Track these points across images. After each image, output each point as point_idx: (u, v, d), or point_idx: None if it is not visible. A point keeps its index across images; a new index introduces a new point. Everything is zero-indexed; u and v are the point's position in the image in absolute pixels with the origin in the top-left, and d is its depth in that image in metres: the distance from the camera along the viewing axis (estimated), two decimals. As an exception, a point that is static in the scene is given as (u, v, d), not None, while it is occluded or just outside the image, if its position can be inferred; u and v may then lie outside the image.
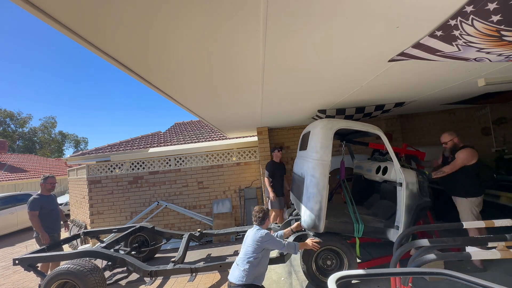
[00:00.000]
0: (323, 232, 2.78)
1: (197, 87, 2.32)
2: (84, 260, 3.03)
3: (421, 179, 2.85)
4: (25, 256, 3.32)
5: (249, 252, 2.23)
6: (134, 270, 3.17)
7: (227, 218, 5.63)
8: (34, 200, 3.70)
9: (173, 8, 1.13)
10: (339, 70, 2.16)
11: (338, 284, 1.23)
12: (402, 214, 2.74)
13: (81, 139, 34.93)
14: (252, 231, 2.36)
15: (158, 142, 8.27)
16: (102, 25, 1.23)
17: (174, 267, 3.09)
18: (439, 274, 1.32)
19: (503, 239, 1.67)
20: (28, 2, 1.03)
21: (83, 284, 2.83)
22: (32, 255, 3.33)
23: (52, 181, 3.92)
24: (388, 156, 3.15)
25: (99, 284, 2.91)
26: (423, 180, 2.85)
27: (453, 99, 4.08)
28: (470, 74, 2.59)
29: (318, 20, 1.31)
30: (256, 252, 2.23)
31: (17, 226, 8.62)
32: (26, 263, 3.30)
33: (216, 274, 3.62)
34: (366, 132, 3.12)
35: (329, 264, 2.88)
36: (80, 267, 2.89)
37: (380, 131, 3.02)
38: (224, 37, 1.44)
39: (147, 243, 4.45)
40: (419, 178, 2.83)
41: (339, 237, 2.87)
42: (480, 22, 1.19)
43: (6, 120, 26.80)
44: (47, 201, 3.81)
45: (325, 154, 2.82)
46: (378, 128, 3.06)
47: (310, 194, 2.79)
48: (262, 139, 5.50)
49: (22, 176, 13.77)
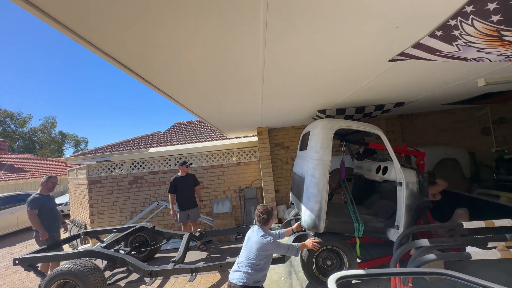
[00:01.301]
0: (323, 232, 2.78)
1: (197, 87, 2.32)
2: (85, 260, 3.03)
3: (421, 178, 2.85)
4: (25, 256, 3.32)
5: (252, 258, 2.17)
6: (134, 270, 3.17)
7: (227, 218, 5.63)
8: (33, 199, 3.70)
9: (173, 8, 1.13)
10: (339, 70, 2.16)
11: (338, 284, 1.23)
12: (402, 213, 2.74)
13: (81, 139, 34.96)
14: (255, 233, 2.26)
15: (158, 142, 8.27)
16: (102, 25, 1.23)
17: (174, 267, 3.09)
18: (439, 274, 1.32)
19: (503, 239, 1.67)
20: (28, 2, 1.03)
21: (83, 284, 2.83)
22: (32, 255, 3.33)
23: (54, 181, 3.94)
24: (388, 156, 3.15)
25: (99, 284, 2.91)
26: (423, 180, 2.85)
27: (453, 99, 4.08)
28: (470, 74, 2.59)
29: (318, 21, 1.31)
30: (259, 259, 2.17)
31: (17, 226, 8.62)
32: (26, 263, 3.29)
33: (216, 274, 3.62)
34: (366, 132, 3.13)
35: (329, 264, 2.88)
36: (81, 267, 2.88)
37: (380, 131, 3.02)
38: (224, 38, 1.44)
39: (147, 243, 4.44)
40: (419, 177, 2.83)
41: (339, 237, 2.87)
42: (480, 22, 1.19)
43: (6, 120, 26.80)
44: (46, 200, 3.82)
45: (325, 154, 2.82)
46: (378, 128, 3.06)
47: (310, 194, 2.79)
48: (262, 139, 5.50)
49: (22, 176, 13.77)
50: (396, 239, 2.42)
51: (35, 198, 3.72)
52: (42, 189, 3.86)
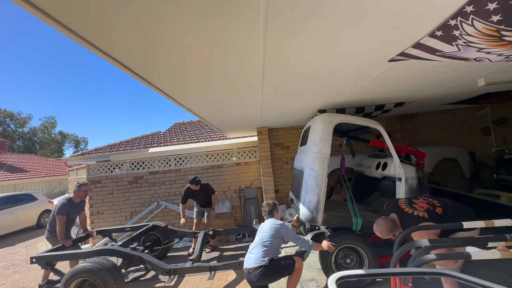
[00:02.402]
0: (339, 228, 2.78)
1: (197, 87, 2.32)
2: (102, 258, 3.03)
3: (420, 174, 2.85)
4: (43, 254, 3.32)
5: (265, 237, 2.40)
6: (152, 268, 3.17)
7: (227, 218, 5.63)
8: (63, 205, 3.63)
9: (173, 7, 1.13)
10: (339, 70, 2.16)
11: (338, 284, 1.23)
12: None
13: (81, 139, 34.90)
14: (266, 222, 2.55)
15: (158, 142, 8.27)
16: (102, 25, 1.23)
17: (193, 265, 3.08)
18: (439, 274, 1.32)
19: (503, 239, 1.66)
20: (28, 2, 1.03)
21: (102, 282, 2.82)
22: (49, 254, 3.33)
23: (85, 189, 3.85)
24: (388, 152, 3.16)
25: (118, 281, 2.91)
26: (422, 175, 2.86)
27: (453, 99, 4.08)
28: (470, 74, 2.59)
29: (317, 21, 1.31)
30: (273, 238, 2.39)
31: (17, 226, 8.61)
32: (44, 262, 3.31)
33: (230, 273, 3.61)
34: (367, 127, 3.12)
35: (348, 262, 2.84)
36: (99, 265, 2.89)
37: (380, 126, 3.02)
38: (224, 38, 1.44)
39: (160, 242, 4.44)
40: (418, 173, 2.84)
41: (359, 235, 2.83)
42: (480, 22, 1.19)
43: (6, 120, 26.77)
44: (73, 207, 3.77)
45: (325, 147, 2.83)
46: (378, 123, 3.06)
47: (308, 186, 2.79)
48: (262, 139, 5.50)
49: (22, 176, 13.76)
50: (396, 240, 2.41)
51: (64, 204, 3.65)
52: (74, 197, 3.80)
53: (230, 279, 3.42)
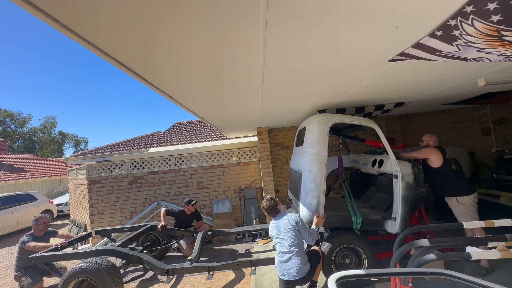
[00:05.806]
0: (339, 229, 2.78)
1: (197, 87, 2.32)
2: (101, 258, 3.03)
3: (416, 170, 2.86)
4: (41, 254, 3.32)
5: (291, 239, 2.35)
6: (151, 268, 3.17)
7: (227, 218, 5.63)
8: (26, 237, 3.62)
9: (173, 9, 1.13)
10: (339, 70, 2.16)
11: (338, 284, 1.23)
12: (398, 205, 2.76)
13: (81, 139, 34.90)
14: (280, 221, 2.48)
15: (158, 142, 8.27)
16: (103, 25, 1.23)
17: (191, 266, 3.08)
18: (439, 274, 1.32)
19: (503, 239, 1.66)
20: (28, 2, 1.03)
21: (101, 282, 2.82)
22: (48, 254, 3.33)
23: (44, 221, 3.76)
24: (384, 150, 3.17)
25: (116, 282, 2.91)
26: (418, 172, 2.87)
27: (453, 99, 4.08)
28: (470, 74, 2.59)
29: (317, 21, 1.31)
30: (297, 236, 2.39)
31: (17, 226, 8.61)
32: (42, 262, 3.31)
33: (229, 273, 3.60)
34: (362, 126, 3.13)
35: (347, 263, 2.84)
36: (98, 265, 2.89)
37: (375, 124, 3.03)
38: (224, 38, 1.44)
39: (159, 242, 4.45)
40: (414, 169, 2.84)
41: (358, 235, 2.85)
42: (480, 22, 1.19)
43: (6, 120, 26.77)
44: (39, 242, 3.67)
45: (322, 149, 2.83)
46: (372, 121, 3.07)
47: (308, 189, 2.79)
48: (262, 139, 5.50)
49: (22, 176, 13.75)
50: (396, 240, 2.42)
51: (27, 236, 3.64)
52: (35, 231, 3.74)
53: (229, 279, 3.42)
